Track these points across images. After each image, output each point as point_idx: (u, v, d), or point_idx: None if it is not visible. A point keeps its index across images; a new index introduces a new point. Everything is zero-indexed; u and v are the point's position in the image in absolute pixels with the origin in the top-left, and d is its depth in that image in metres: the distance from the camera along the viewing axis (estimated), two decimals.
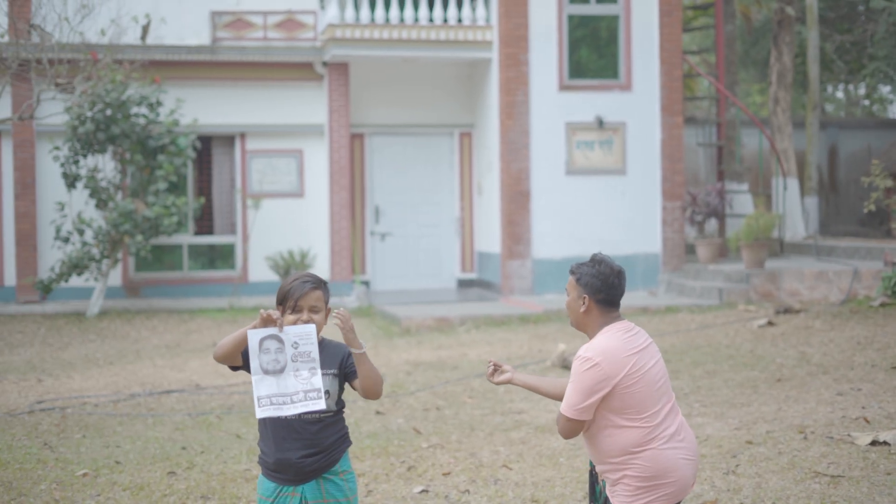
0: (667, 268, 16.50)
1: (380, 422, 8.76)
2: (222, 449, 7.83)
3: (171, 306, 15.93)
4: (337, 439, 4.23)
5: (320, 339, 4.19)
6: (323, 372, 4.14)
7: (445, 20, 16.76)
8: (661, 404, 4.15)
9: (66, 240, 15.22)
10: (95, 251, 15.15)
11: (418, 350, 12.22)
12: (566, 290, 4.31)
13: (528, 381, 4.47)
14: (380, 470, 7.08)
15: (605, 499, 4.25)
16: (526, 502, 6.31)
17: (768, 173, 19.35)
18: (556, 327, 13.31)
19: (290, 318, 4.15)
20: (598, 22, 16.66)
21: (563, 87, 16.38)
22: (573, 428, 4.16)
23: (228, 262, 17.24)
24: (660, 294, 16.11)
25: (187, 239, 17.08)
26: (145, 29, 16.41)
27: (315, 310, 4.17)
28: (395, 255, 17.99)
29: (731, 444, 7.18)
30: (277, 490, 4.19)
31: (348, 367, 4.21)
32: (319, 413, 4.15)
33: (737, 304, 14.26)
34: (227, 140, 17.31)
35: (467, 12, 16.64)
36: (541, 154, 16.32)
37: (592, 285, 4.22)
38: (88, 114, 14.93)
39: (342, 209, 17.10)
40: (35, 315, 15.24)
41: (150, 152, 15.55)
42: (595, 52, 16.73)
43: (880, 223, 20.71)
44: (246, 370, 4.19)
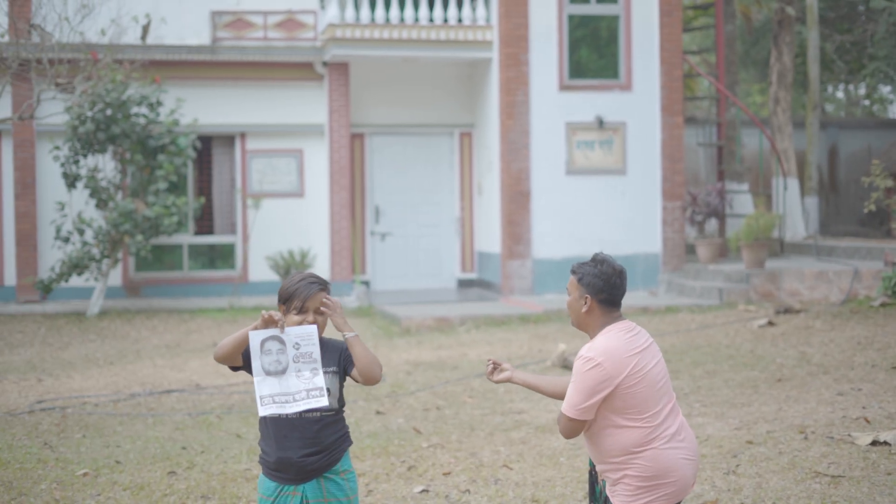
0: (667, 268, 16.50)
1: (380, 422, 8.76)
2: (222, 449, 7.83)
3: (171, 306, 15.93)
4: (338, 438, 4.22)
5: (320, 338, 4.19)
6: (324, 370, 4.14)
7: (445, 20, 16.76)
8: (661, 404, 4.15)
9: (67, 240, 15.22)
10: (95, 251, 15.15)
11: (418, 350, 12.22)
12: (567, 290, 4.31)
13: (528, 379, 4.47)
14: (380, 470, 7.08)
15: (606, 498, 4.24)
16: (526, 502, 6.31)
17: (768, 173, 19.34)
18: (556, 327, 13.31)
19: (295, 318, 4.15)
20: (598, 22, 16.66)
21: (564, 86, 16.38)
22: (574, 428, 4.16)
23: (228, 261, 17.24)
24: (660, 294, 16.10)
25: (187, 239, 17.08)
26: (145, 29, 16.41)
27: (319, 311, 4.17)
28: (395, 255, 17.98)
29: (732, 444, 7.18)
30: (278, 489, 4.19)
31: (347, 360, 4.22)
32: (321, 412, 4.15)
33: (737, 304, 14.26)
34: (228, 140, 17.31)
35: (467, 12, 16.63)
36: (541, 154, 16.32)
37: (594, 285, 4.21)
38: (88, 114, 14.93)
39: (342, 209, 17.09)
40: (35, 315, 15.24)
41: (150, 152, 15.55)
42: (595, 52, 16.73)
43: (880, 223, 20.70)
44: (246, 370, 4.19)
